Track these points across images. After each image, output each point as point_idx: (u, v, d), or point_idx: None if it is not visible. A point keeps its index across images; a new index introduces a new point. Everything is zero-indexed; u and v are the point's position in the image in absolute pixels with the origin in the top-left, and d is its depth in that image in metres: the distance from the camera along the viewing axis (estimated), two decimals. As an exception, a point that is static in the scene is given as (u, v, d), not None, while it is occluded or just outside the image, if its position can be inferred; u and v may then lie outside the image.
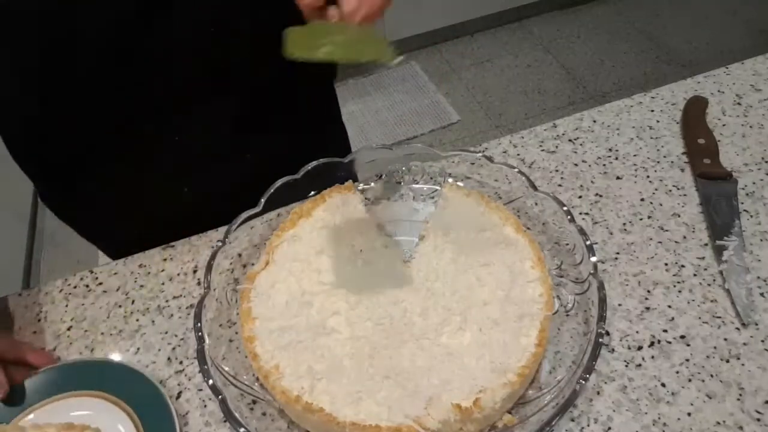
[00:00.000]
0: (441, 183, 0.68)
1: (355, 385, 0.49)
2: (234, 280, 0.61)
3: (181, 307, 0.61)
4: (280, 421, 0.51)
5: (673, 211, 0.65)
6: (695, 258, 0.60)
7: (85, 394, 0.53)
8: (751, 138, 0.72)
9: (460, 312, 0.54)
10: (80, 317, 0.61)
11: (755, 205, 0.65)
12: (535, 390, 0.51)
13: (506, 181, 0.68)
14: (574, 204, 0.67)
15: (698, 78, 0.81)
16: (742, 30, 2.49)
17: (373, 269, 0.58)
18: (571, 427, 0.49)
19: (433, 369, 0.50)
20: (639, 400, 0.51)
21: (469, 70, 2.44)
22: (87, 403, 0.52)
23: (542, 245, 0.60)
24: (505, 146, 0.74)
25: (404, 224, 0.66)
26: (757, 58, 0.83)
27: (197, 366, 0.52)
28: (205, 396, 0.54)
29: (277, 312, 0.55)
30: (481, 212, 0.62)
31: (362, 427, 0.46)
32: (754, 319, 0.55)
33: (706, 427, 0.49)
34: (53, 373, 0.55)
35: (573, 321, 0.56)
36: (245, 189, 0.64)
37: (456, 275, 0.57)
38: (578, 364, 0.49)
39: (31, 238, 1.99)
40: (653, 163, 0.71)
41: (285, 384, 0.49)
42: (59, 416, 0.52)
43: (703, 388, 0.51)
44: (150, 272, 0.65)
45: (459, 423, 0.46)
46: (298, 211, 0.63)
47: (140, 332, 0.59)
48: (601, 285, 0.53)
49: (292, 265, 0.58)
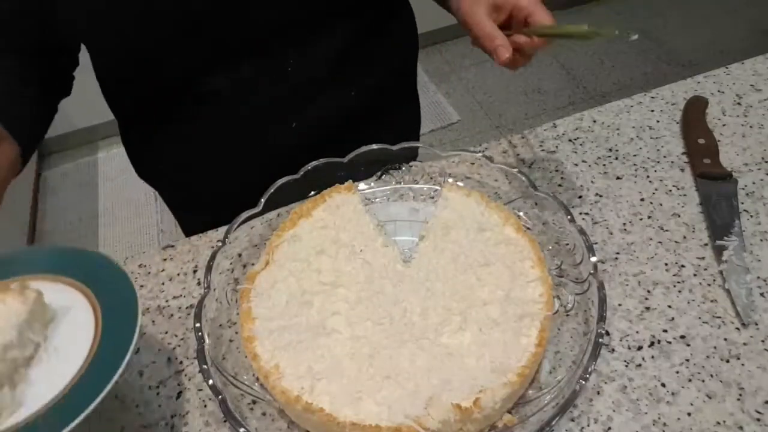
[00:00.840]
0: (441, 183, 0.68)
1: (355, 385, 0.49)
2: (234, 280, 0.61)
3: (181, 307, 0.61)
4: (280, 421, 0.51)
5: (673, 211, 0.65)
6: (695, 258, 0.60)
7: (40, 277, 0.51)
8: (751, 138, 0.72)
9: (460, 312, 0.54)
10: (80, 317, 0.61)
11: (755, 205, 0.65)
12: (535, 390, 0.51)
13: (506, 181, 0.68)
14: (574, 204, 0.67)
15: (698, 78, 0.81)
16: (742, 30, 2.49)
17: (373, 269, 0.58)
18: (571, 427, 0.49)
19: (433, 369, 0.50)
20: (639, 400, 0.51)
21: (469, 70, 2.44)
22: (41, 284, 0.51)
23: (542, 245, 0.60)
24: (505, 146, 0.74)
25: (404, 224, 0.66)
26: (757, 58, 0.83)
27: (197, 366, 0.52)
28: (205, 396, 0.54)
29: (277, 312, 0.55)
30: (481, 212, 0.62)
31: (362, 427, 0.46)
32: (754, 319, 0.55)
33: (706, 427, 0.49)
34: (14, 255, 0.54)
35: (573, 321, 0.56)
36: (354, 120, 0.69)
37: (456, 275, 0.57)
38: (578, 364, 0.49)
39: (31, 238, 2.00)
40: (653, 163, 0.71)
41: (285, 384, 0.49)
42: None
43: (703, 388, 0.51)
44: (150, 272, 0.65)
45: (459, 423, 0.46)
46: (298, 211, 0.63)
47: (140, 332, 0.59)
48: (601, 285, 0.53)
49: (292, 265, 0.58)
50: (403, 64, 0.87)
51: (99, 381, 0.43)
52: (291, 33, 0.70)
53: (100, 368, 0.45)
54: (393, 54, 0.83)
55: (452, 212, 0.62)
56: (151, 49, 0.66)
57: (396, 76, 0.85)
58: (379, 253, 0.59)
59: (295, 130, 0.76)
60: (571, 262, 0.58)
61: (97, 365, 0.45)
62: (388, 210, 0.67)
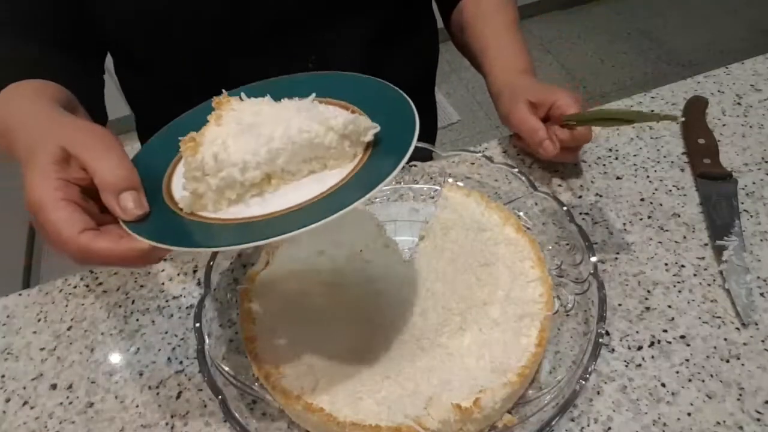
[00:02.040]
0: (441, 183, 0.68)
1: (355, 385, 0.49)
2: (234, 280, 0.61)
3: (181, 307, 0.61)
4: (280, 421, 0.51)
5: (673, 211, 0.65)
6: (695, 258, 0.60)
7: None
8: (751, 138, 0.72)
9: (460, 312, 0.54)
10: (80, 317, 0.61)
11: (755, 205, 0.65)
12: (535, 390, 0.51)
13: (506, 181, 0.68)
14: (574, 204, 0.67)
15: (698, 78, 0.81)
16: (742, 30, 2.49)
17: (373, 269, 0.58)
18: (571, 427, 0.49)
19: (433, 369, 0.50)
20: (639, 400, 0.51)
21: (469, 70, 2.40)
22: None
23: (542, 245, 0.60)
24: (505, 146, 0.74)
25: (404, 224, 0.66)
26: (757, 58, 0.83)
27: (197, 366, 0.52)
28: (205, 396, 0.54)
29: (277, 312, 0.55)
30: (481, 212, 0.62)
31: (362, 427, 0.46)
32: (754, 318, 0.55)
33: (706, 427, 0.49)
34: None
35: (573, 321, 0.56)
36: None
37: (456, 275, 0.57)
38: (578, 364, 0.49)
39: (31, 238, 1.99)
40: (653, 163, 0.71)
41: (285, 384, 0.49)
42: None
43: (703, 388, 0.51)
44: (150, 272, 0.65)
45: (459, 423, 0.46)
46: (298, 211, 0.63)
47: (140, 332, 0.59)
48: (601, 285, 0.53)
49: (292, 265, 0.58)
50: (423, 76, 0.88)
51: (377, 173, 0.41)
52: (313, 37, 0.71)
53: (375, 166, 0.43)
54: (413, 66, 0.83)
55: (452, 212, 0.63)
56: (180, 39, 0.66)
57: (415, 87, 0.85)
58: (379, 253, 0.59)
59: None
60: (571, 262, 0.58)
61: (371, 165, 0.43)
62: (388, 210, 0.67)
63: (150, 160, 0.47)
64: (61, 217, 0.40)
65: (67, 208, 0.40)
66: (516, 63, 0.74)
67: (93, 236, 0.40)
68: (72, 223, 0.40)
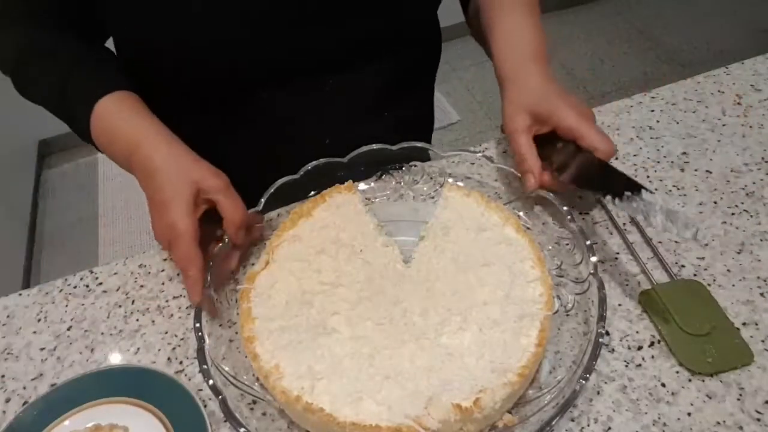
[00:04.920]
0: (441, 183, 0.68)
1: (355, 385, 0.49)
2: (234, 280, 0.61)
3: (181, 307, 0.61)
4: (280, 421, 0.51)
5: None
6: (695, 258, 0.60)
7: (118, 400, 0.53)
8: (751, 138, 0.72)
9: (460, 312, 0.54)
10: (80, 317, 0.61)
11: (755, 205, 0.65)
12: (535, 390, 0.51)
13: (506, 181, 0.68)
14: (574, 204, 0.67)
15: (698, 78, 0.81)
16: (742, 30, 2.49)
17: (373, 269, 0.58)
18: (571, 427, 0.49)
19: (433, 369, 0.50)
20: (639, 400, 0.51)
21: (469, 70, 2.44)
22: (120, 409, 0.53)
23: (542, 245, 0.60)
24: (505, 146, 0.74)
25: (404, 224, 0.66)
26: (757, 58, 0.83)
27: (197, 366, 0.52)
28: (205, 396, 0.54)
29: (277, 312, 0.55)
30: (481, 212, 0.62)
31: (362, 427, 0.46)
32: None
33: (706, 427, 0.49)
34: (88, 379, 0.55)
35: (573, 321, 0.56)
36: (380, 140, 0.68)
37: (456, 275, 0.57)
38: (578, 364, 0.49)
39: (31, 238, 2.00)
40: (653, 163, 0.71)
41: (285, 384, 0.49)
42: (93, 422, 0.52)
43: (703, 388, 0.51)
44: (150, 272, 0.65)
45: (459, 423, 0.46)
46: (298, 211, 0.63)
47: (140, 332, 0.59)
48: (601, 285, 0.53)
49: (292, 265, 0.58)
50: (427, 82, 0.87)
51: None
52: (336, 65, 0.70)
53: None
54: (420, 74, 0.83)
55: (452, 212, 0.63)
56: (206, 49, 0.65)
57: (415, 84, 0.85)
58: (379, 253, 0.59)
59: (328, 146, 0.74)
60: (571, 262, 0.58)
61: None
62: (388, 210, 0.67)
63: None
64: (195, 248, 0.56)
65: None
66: (524, 46, 0.66)
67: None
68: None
